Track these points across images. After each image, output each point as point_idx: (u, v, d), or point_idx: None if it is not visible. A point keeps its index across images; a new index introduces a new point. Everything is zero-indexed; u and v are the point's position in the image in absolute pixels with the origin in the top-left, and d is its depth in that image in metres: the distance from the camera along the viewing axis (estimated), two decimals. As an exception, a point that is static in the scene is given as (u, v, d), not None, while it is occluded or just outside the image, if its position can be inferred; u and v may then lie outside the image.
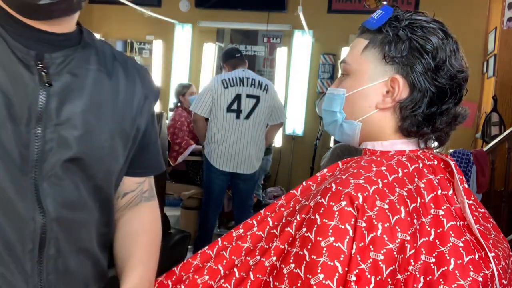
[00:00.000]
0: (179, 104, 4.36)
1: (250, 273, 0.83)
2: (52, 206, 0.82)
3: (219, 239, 0.95)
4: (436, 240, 0.77)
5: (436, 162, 0.88)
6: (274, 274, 0.79)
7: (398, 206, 0.75)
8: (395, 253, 0.73)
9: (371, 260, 0.72)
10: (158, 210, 1.09)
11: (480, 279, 0.75)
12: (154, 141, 1.04)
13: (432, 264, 0.75)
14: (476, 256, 0.77)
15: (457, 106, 0.87)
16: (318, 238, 0.74)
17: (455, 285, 0.73)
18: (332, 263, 0.72)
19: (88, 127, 0.85)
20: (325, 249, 0.72)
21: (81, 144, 0.84)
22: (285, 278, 0.76)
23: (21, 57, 0.80)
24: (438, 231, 0.78)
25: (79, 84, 0.85)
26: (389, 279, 0.72)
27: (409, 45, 0.84)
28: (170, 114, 4.42)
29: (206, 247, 0.95)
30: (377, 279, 0.71)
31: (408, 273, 0.74)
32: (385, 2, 4.87)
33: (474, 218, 0.83)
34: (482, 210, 0.89)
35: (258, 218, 0.93)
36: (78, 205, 0.86)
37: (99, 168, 0.88)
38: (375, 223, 0.73)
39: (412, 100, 0.85)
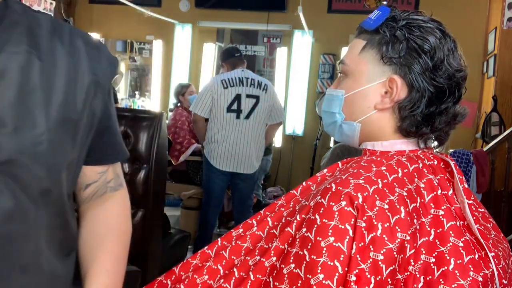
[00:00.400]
0: (179, 104, 4.37)
1: (250, 273, 0.83)
2: None
3: (219, 239, 0.94)
4: (436, 240, 0.77)
5: (436, 162, 0.88)
6: (274, 274, 0.79)
7: (398, 206, 0.75)
8: (395, 253, 0.73)
9: (371, 260, 0.72)
10: (127, 200, 0.99)
11: (480, 279, 0.75)
12: (114, 124, 0.92)
13: (432, 264, 0.75)
14: (476, 256, 0.77)
15: (456, 105, 0.87)
16: (318, 238, 0.74)
17: (455, 285, 0.73)
18: (332, 263, 0.72)
19: (18, 122, 0.71)
20: (325, 249, 0.72)
21: (12, 143, 0.70)
22: (285, 278, 0.76)
23: None
24: (438, 231, 0.78)
25: (1, 72, 0.71)
26: (389, 279, 0.72)
27: (406, 45, 0.84)
28: (170, 114, 4.42)
29: (206, 247, 0.95)
30: (377, 279, 0.71)
31: (408, 273, 0.74)
32: (385, 2, 4.87)
33: (474, 218, 0.83)
34: (482, 210, 0.89)
35: (258, 218, 0.93)
36: (17, 215, 0.72)
37: (39, 167, 0.73)
38: (375, 223, 0.73)
39: (411, 100, 0.85)
